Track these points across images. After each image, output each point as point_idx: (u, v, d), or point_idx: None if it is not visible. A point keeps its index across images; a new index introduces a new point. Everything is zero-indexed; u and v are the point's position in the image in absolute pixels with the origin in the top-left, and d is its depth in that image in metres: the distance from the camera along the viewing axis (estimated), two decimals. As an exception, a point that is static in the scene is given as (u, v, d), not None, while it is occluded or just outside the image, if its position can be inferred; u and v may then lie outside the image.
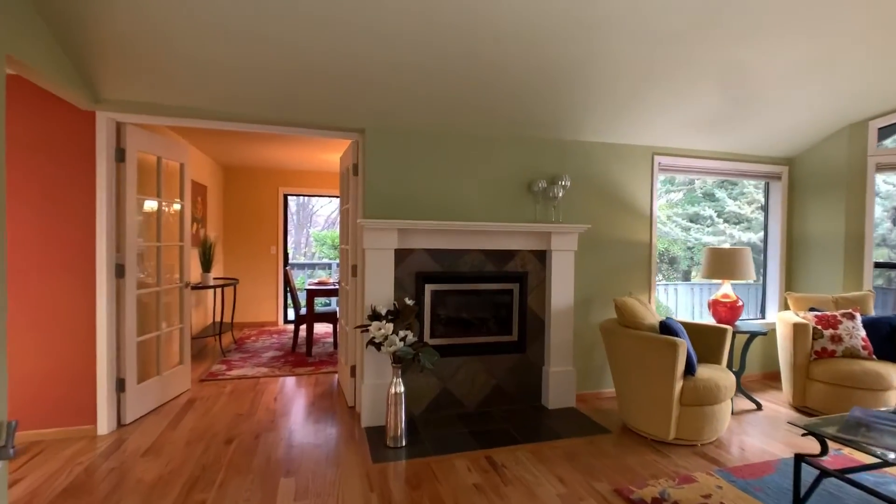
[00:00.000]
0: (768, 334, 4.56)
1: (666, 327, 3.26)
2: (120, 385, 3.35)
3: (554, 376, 3.87)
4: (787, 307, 4.64)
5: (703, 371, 3.24)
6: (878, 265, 4.38)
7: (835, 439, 2.30)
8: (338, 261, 9.57)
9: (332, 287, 5.69)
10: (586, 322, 4.11)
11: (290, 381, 4.52)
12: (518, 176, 3.90)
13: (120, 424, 3.38)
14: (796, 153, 4.63)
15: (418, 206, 3.65)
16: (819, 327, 3.72)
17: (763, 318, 4.81)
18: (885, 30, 2.88)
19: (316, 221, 14.87)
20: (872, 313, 3.91)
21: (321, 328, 7.11)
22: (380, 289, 3.49)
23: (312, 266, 9.51)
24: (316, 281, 6.06)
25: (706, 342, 3.56)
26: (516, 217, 3.90)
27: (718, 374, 3.24)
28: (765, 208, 4.83)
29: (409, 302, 3.35)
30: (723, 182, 11.44)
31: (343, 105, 3.30)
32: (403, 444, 3.15)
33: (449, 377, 3.75)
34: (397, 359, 3.14)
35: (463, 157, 3.75)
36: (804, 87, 3.48)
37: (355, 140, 3.73)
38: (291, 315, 7.68)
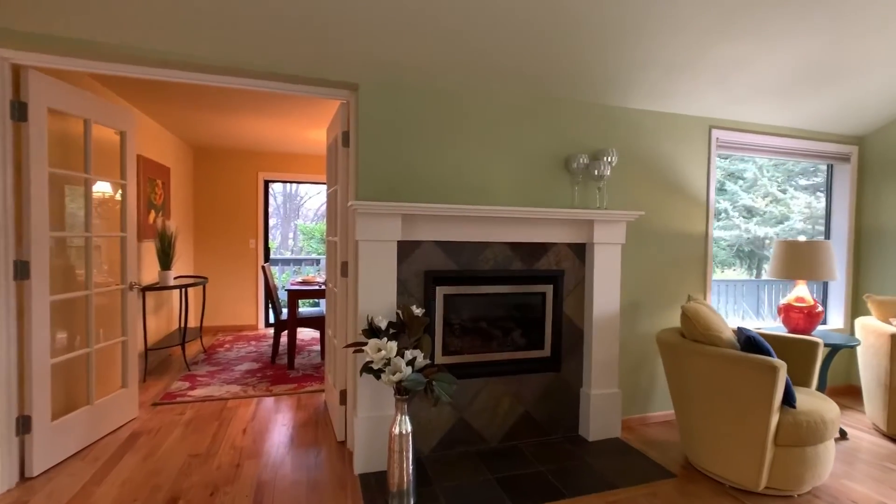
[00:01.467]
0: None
1: (752, 343, 2.52)
2: (22, 425, 2.47)
3: (596, 401, 3.11)
4: (854, 313, 3.96)
5: (802, 400, 2.51)
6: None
7: None
8: (324, 256, 8.72)
9: (318, 287, 4.85)
10: (632, 332, 3.36)
11: (266, 404, 3.69)
12: (553, 150, 3.11)
13: (23, 478, 2.50)
14: (868, 131, 3.93)
15: (426, 187, 2.85)
16: (922, 339, 3.02)
17: (825, 324, 4.11)
18: None
19: (304, 214, 13.93)
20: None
21: (307, 333, 6.26)
22: (378, 293, 2.69)
23: (298, 262, 8.61)
24: (300, 280, 5.21)
25: (790, 359, 2.83)
26: (550, 201, 3.12)
27: (820, 404, 2.51)
28: (827, 196, 4.13)
29: (416, 311, 2.55)
30: (731, 174, 10.84)
31: (330, 51, 2.48)
32: (412, 501, 2.36)
33: (466, 405, 2.96)
34: (403, 389, 2.34)
35: (484, 125, 2.96)
36: (883, 52, 2.79)
37: (345, 101, 2.91)
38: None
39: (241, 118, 4.59)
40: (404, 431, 2.41)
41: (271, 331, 6.39)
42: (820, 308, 3.18)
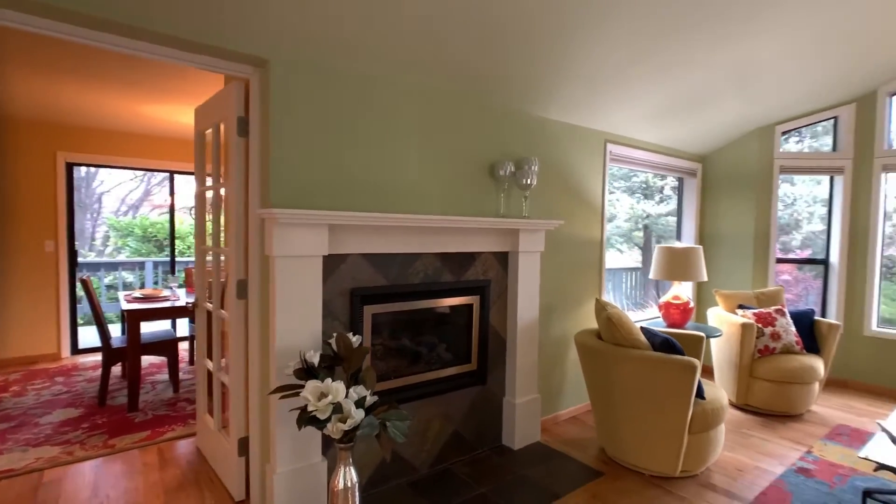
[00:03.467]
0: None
1: (668, 344, 2.75)
2: None
3: (520, 408, 3.09)
4: (702, 305, 4.71)
5: (706, 390, 2.84)
6: (779, 261, 4.69)
7: (924, 473, 2.00)
8: (153, 259, 7.23)
9: (168, 304, 3.92)
10: (545, 335, 3.43)
11: (109, 467, 2.82)
12: (481, 155, 2.97)
13: None
14: (709, 151, 4.68)
15: (350, 192, 2.46)
16: (760, 325, 3.70)
17: (672, 313, 4.80)
18: (791, 59, 3.25)
19: (107, 204, 11.31)
20: (785, 307, 4.08)
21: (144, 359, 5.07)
22: (300, 320, 2.23)
23: (112, 266, 6.94)
24: (139, 296, 4.15)
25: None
26: (478, 209, 2.98)
27: (716, 391, 2.87)
28: (679, 204, 4.82)
29: (353, 338, 2.17)
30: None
31: (230, 10, 1.92)
32: (370, 564, 2.01)
33: (396, 432, 2.66)
34: (349, 437, 1.97)
35: (415, 123, 2.67)
36: (725, 90, 3.47)
37: (243, 79, 2.34)
38: (87, 342, 5.37)
39: (36, 74, 3.42)
40: (350, 483, 2.05)
41: (81, 360, 5.03)
42: (692, 304, 3.67)
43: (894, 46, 3.41)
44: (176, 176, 5.90)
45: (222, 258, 2.72)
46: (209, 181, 2.90)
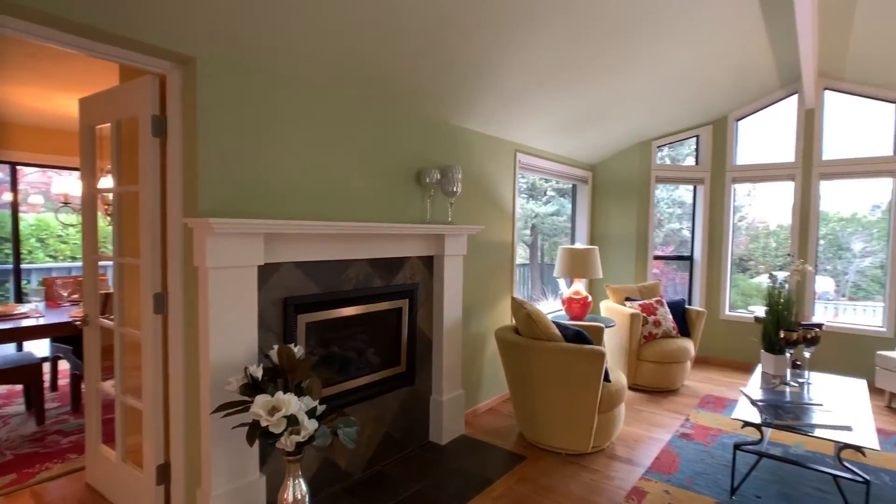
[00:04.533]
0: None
1: (580, 336, 3.09)
2: None
3: (447, 405, 3.25)
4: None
5: (611, 374, 3.23)
6: (657, 258, 5.38)
7: (775, 427, 2.52)
8: (10, 264, 6.14)
9: (31, 322, 3.43)
10: (466, 333, 3.62)
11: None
12: (408, 163, 3.07)
13: None
14: (597, 161, 5.25)
15: (283, 200, 2.42)
16: (644, 315, 4.27)
17: (569, 307, 5.31)
18: (663, 89, 3.82)
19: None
20: (663, 298, 4.74)
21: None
22: (236, 333, 2.16)
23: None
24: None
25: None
26: (406, 214, 3.07)
27: (618, 375, 3.28)
28: (573, 208, 5.33)
29: (296, 349, 2.16)
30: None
31: (155, 3, 1.83)
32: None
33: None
34: (299, 448, 1.97)
35: (347, 131, 2.69)
36: (613, 110, 4.01)
37: (160, 74, 2.18)
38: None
39: None
40: (300, 495, 2.05)
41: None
42: (590, 299, 4.12)
43: (736, 83, 4.16)
44: (20, 168, 5.12)
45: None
46: (106, 181, 2.65)
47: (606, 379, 3.10)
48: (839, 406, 2.70)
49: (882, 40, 3.39)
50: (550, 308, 4.91)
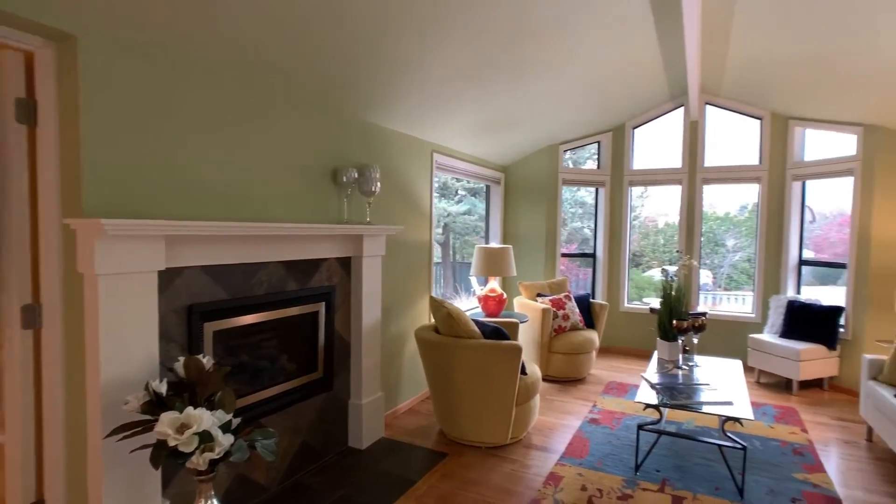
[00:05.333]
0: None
1: (498, 332, 3.19)
2: None
3: (366, 409, 3.19)
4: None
5: (527, 367, 3.36)
6: (564, 255, 5.68)
7: (672, 406, 2.78)
8: None
9: None
10: (385, 334, 3.58)
11: None
12: (325, 161, 2.96)
13: None
14: (510, 163, 5.43)
15: (185, 199, 2.23)
16: (555, 309, 4.50)
17: (485, 304, 5.46)
18: (569, 97, 4.04)
19: None
20: (570, 293, 5.03)
21: None
22: (133, 346, 1.96)
23: None
24: None
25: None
26: (322, 214, 2.97)
27: (533, 367, 3.43)
28: (487, 208, 5.47)
29: (204, 360, 2.00)
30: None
31: None
32: None
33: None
34: (212, 467, 1.83)
35: (259, 126, 2.54)
36: (524, 115, 4.21)
37: (26, 51, 1.91)
38: None
39: None
40: (212, 518, 1.89)
41: None
42: (505, 296, 4.26)
43: (632, 94, 4.53)
44: None
45: None
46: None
47: (523, 372, 3.22)
48: (722, 384, 3.04)
49: (750, 65, 3.87)
50: (465, 306, 5.01)
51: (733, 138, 5.08)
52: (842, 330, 4.22)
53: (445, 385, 3.18)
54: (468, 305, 5.09)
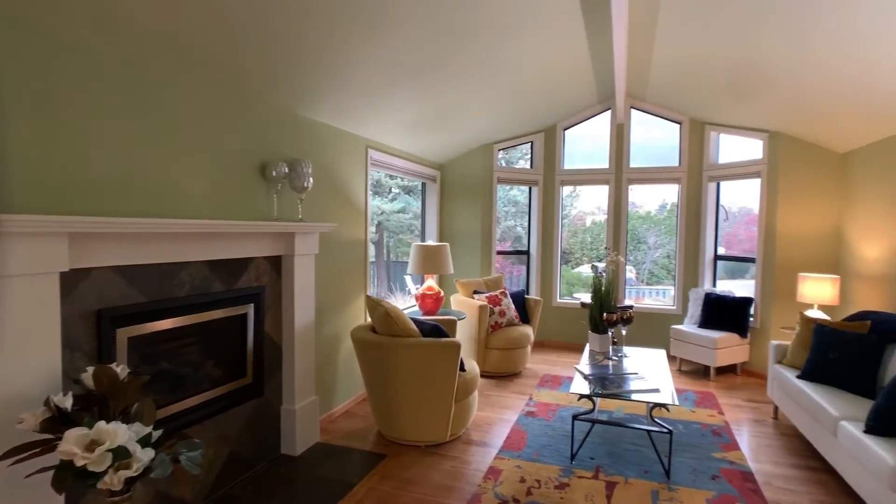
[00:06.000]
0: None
1: (437, 329, 3.16)
2: None
3: (300, 414, 3.06)
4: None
5: (465, 364, 3.36)
6: (499, 253, 5.75)
7: (605, 396, 2.88)
8: None
9: None
10: (319, 335, 3.45)
11: None
12: (252, 154, 2.80)
13: None
14: (446, 161, 5.43)
15: (96, 193, 2.02)
16: (491, 306, 4.55)
17: (422, 303, 5.42)
18: (502, 99, 4.14)
19: None
20: (506, 289, 5.10)
21: None
22: (30, 358, 1.74)
23: None
24: None
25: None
26: (249, 211, 2.80)
27: (471, 364, 3.44)
28: (422, 206, 5.44)
29: (118, 370, 1.82)
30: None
31: None
32: None
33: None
34: (127, 484, 1.67)
35: (180, 115, 2.34)
36: (459, 114, 4.20)
37: None
38: None
39: None
40: (124, 543, 1.72)
41: None
42: (442, 294, 4.25)
43: (563, 97, 4.68)
44: None
45: None
46: None
47: (462, 369, 3.22)
48: (649, 373, 3.20)
49: (671, 72, 4.11)
50: (402, 305, 4.96)
51: (657, 141, 5.39)
52: (752, 319, 4.61)
53: (383, 385, 3.12)
54: (405, 304, 5.04)
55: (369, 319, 3.48)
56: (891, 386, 2.44)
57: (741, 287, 5.30)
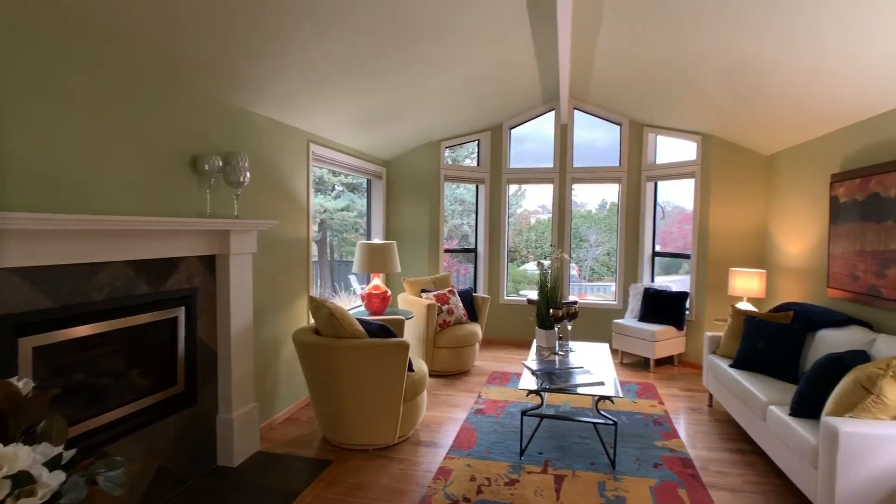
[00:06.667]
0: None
1: (385, 330, 3.07)
2: None
3: (238, 422, 2.88)
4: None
5: (414, 363, 3.29)
6: (447, 251, 5.71)
7: (552, 391, 2.90)
8: None
9: None
10: (259, 339, 3.26)
11: None
12: (183, 146, 2.59)
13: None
14: (392, 158, 5.33)
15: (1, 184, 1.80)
16: (439, 304, 4.50)
17: (369, 303, 5.29)
18: (449, 97, 4.13)
19: None
20: (454, 287, 5.08)
21: None
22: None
23: None
24: None
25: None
26: (179, 208, 2.60)
27: (420, 363, 3.37)
28: (368, 204, 5.30)
29: (20, 384, 1.61)
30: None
31: None
32: None
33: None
34: (34, 506, 1.48)
35: (100, 102, 2.12)
36: (406, 110, 4.15)
37: None
38: None
39: None
40: (31, 576, 1.53)
41: None
42: (389, 293, 4.15)
43: (509, 96, 4.71)
44: None
45: None
46: None
47: (410, 369, 3.15)
48: (594, 367, 3.27)
49: (612, 75, 4.23)
50: (347, 305, 4.82)
51: (599, 141, 5.54)
52: (687, 312, 4.83)
53: (328, 389, 2.99)
54: (350, 304, 4.90)
55: (312, 321, 3.33)
56: (811, 371, 2.60)
57: (675, 282, 5.56)
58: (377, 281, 4.15)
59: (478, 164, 5.76)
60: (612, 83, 4.46)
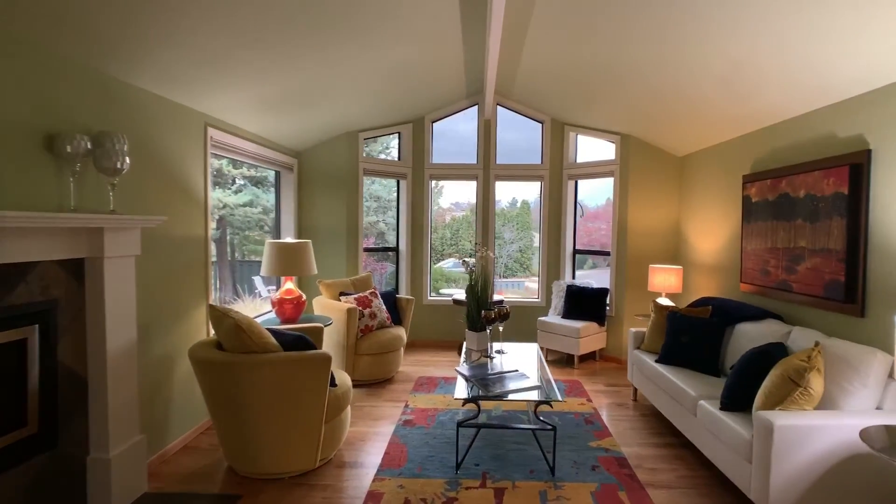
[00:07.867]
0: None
1: (301, 341, 2.69)
2: None
3: (117, 462, 2.35)
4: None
5: (336, 377, 2.93)
6: (366, 250, 5.33)
7: (487, 398, 2.71)
8: None
9: None
10: (144, 359, 2.72)
11: None
12: (34, 120, 2.02)
13: None
14: (304, 149, 4.85)
15: None
16: (360, 308, 4.15)
17: (280, 308, 4.79)
18: (368, 84, 3.86)
19: None
20: (376, 290, 4.74)
21: None
22: None
23: None
24: None
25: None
26: (29, 200, 2.03)
27: (342, 376, 3.02)
28: (276, 198, 4.78)
29: None
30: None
31: None
32: None
33: None
34: None
35: None
36: (320, 95, 3.78)
37: None
38: None
39: None
40: None
41: None
42: (304, 298, 3.73)
43: (433, 87, 4.47)
44: None
45: None
46: None
47: (332, 384, 2.80)
48: (528, 369, 3.13)
49: (535, 74, 4.15)
50: (254, 311, 4.31)
51: (520, 141, 5.49)
52: (608, 308, 4.92)
53: (236, 412, 2.55)
54: (257, 310, 4.39)
55: (213, 333, 2.85)
56: (738, 365, 2.65)
57: (593, 276, 5.67)
58: (290, 285, 3.71)
59: (399, 159, 5.46)
60: (536, 81, 4.39)
